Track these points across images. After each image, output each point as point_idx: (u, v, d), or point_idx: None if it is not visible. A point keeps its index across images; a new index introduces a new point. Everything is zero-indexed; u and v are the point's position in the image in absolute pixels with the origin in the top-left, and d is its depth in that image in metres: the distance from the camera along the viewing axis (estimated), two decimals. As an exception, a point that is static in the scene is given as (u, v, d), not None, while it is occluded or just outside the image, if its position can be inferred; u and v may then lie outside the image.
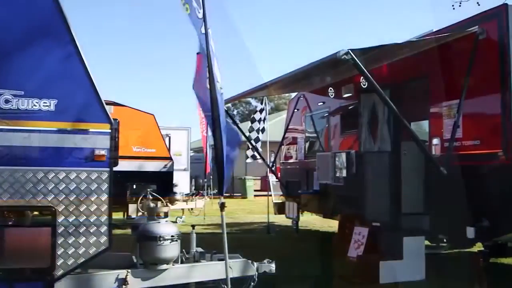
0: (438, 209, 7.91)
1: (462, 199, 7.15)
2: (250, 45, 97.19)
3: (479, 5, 13.09)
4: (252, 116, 14.44)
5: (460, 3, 13.53)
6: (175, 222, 15.56)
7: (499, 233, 6.99)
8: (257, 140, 14.07)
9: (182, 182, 18.30)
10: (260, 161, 13.96)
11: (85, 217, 4.98)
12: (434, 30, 8.28)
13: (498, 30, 6.97)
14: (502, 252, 9.49)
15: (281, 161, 14.22)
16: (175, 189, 15.55)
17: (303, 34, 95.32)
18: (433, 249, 9.03)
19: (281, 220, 14.96)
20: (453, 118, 7.43)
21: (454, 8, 13.61)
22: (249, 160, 14.31)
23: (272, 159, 14.16)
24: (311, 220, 15.98)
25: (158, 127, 14.47)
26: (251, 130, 14.16)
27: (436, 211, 7.98)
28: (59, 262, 4.86)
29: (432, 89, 8.12)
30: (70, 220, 4.93)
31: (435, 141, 7.91)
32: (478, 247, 8.87)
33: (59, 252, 4.86)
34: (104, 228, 5.06)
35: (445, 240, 8.98)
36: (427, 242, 8.38)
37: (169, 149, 15.52)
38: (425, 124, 9.34)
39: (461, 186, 7.17)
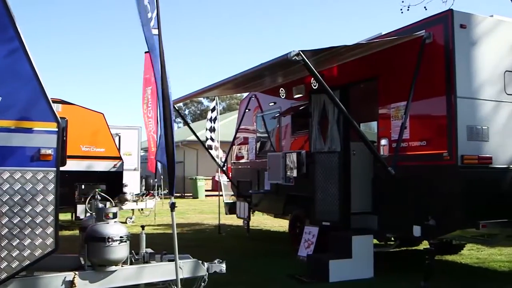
0: (386, 208, 8.06)
1: (409, 199, 7.33)
2: (203, 44, 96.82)
3: (426, 9, 13.47)
4: (208, 117, 14.39)
5: (408, 7, 13.88)
6: (125, 222, 15.37)
7: (445, 231, 7.16)
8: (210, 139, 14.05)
9: (132, 182, 18.06)
10: (218, 154, 13.91)
11: (30, 218, 4.85)
12: (383, 33, 8.44)
13: (443, 35, 7.15)
14: (447, 249, 9.81)
15: (232, 161, 14.21)
16: (125, 189, 15.34)
17: (253, 38, 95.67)
18: (381, 248, 9.20)
19: (232, 220, 14.98)
20: (400, 120, 7.58)
21: (402, 12, 13.97)
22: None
23: (224, 158, 14.15)
24: (262, 220, 16.06)
25: (108, 126, 14.23)
26: (210, 130, 14.13)
27: (384, 211, 8.13)
28: (3, 265, 4.72)
29: (381, 90, 8.27)
30: (15, 221, 4.79)
31: (383, 141, 8.07)
32: (424, 245, 9.10)
33: (3, 255, 4.71)
34: (50, 230, 4.94)
35: (392, 239, 9.14)
36: (375, 241, 8.52)
37: (119, 149, 15.28)
38: (374, 125, 9.52)
39: (408, 186, 7.34)
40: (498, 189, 6.95)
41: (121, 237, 5.49)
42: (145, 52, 16.03)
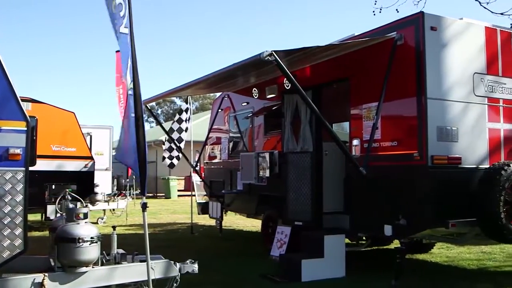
0: (357, 208, 8.12)
1: (381, 198, 7.39)
2: (176, 45, 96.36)
3: (398, 12, 13.64)
4: (179, 116, 14.28)
5: (381, 9, 14.02)
6: (96, 223, 15.21)
7: (415, 231, 7.25)
8: (180, 140, 13.95)
9: (103, 182, 17.87)
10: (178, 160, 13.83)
11: (-2, 219, 4.76)
12: (355, 35, 8.50)
13: (414, 36, 7.23)
14: (418, 248, 9.93)
15: (205, 161, 14.16)
16: (96, 189, 15.18)
17: (226, 38, 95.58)
18: (353, 247, 9.27)
19: (205, 220, 14.94)
20: (372, 120, 7.65)
21: (374, 14, 14.10)
22: (166, 161, 14.05)
23: (196, 158, 14.09)
24: (234, 220, 16.05)
25: (79, 125, 14.05)
26: (180, 130, 14.03)
27: (356, 210, 8.19)
28: (-30, 266, 4.63)
29: (353, 91, 8.33)
30: (-18, 222, 4.70)
31: (355, 142, 8.13)
32: (395, 244, 9.19)
33: (-31, 257, 4.63)
34: (19, 231, 4.84)
35: (364, 238, 9.23)
36: (347, 240, 8.59)
37: (90, 148, 15.11)
38: (346, 125, 9.59)
39: (380, 186, 7.41)
40: (467, 189, 7.06)
41: (91, 237, 5.43)
42: (116, 51, 15.89)
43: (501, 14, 13.31)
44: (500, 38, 7.81)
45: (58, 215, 7.13)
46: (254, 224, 14.59)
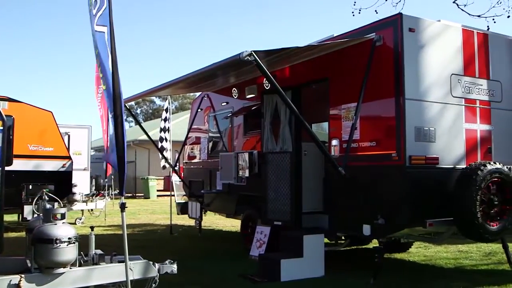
0: (336, 208, 8.16)
1: (359, 198, 7.44)
2: (157, 45, 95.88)
3: (377, 13, 13.73)
4: (163, 117, 14.25)
5: (360, 10, 14.11)
6: (74, 223, 15.07)
7: (393, 230, 7.31)
8: (162, 140, 13.93)
9: (81, 182, 17.70)
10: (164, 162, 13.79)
11: (-26, 219, 4.69)
12: (334, 35, 8.54)
13: (393, 38, 7.29)
14: (396, 247, 10.02)
15: (184, 161, 14.12)
16: (74, 190, 15.03)
17: (209, 38, 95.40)
18: (332, 247, 9.32)
19: (184, 220, 14.89)
20: (351, 120, 7.69)
21: (354, 15, 14.19)
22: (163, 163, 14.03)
23: (176, 158, 14.04)
24: (214, 220, 16.03)
25: (57, 124, 13.89)
26: (164, 130, 14.00)
27: (335, 210, 8.23)
28: None
29: (332, 92, 8.37)
30: (-43, 223, 4.63)
31: (334, 142, 8.17)
32: (374, 243, 9.27)
33: None
34: (-5, 231, 4.79)
35: (343, 238, 9.28)
36: (326, 240, 8.62)
37: (68, 148, 14.95)
38: (326, 125, 9.63)
39: (358, 186, 7.46)
40: (444, 188, 7.14)
41: (69, 238, 5.37)
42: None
43: (478, 16, 13.50)
44: (477, 40, 7.92)
45: (35, 215, 7.04)
46: (233, 224, 14.58)
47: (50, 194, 7.05)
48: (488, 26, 13.12)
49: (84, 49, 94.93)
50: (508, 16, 13.22)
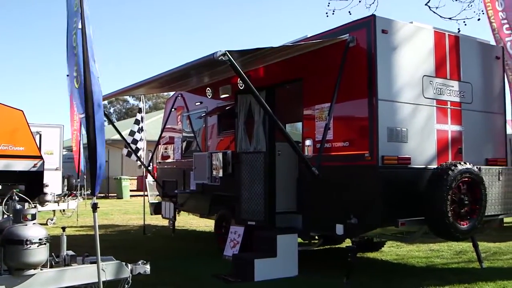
0: (310, 207, 8.20)
1: (332, 198, 7.49)
2: (133, 45, 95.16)
3: (350, 14, 13.83)
4: (136, 118, 14.13)
5: (334, 11, 14.20)
6: (46, 224, 14.87)
7: (366, 229, 7.37)
8: (135, 141, 13.82)
9: (53, 182, 17.45)
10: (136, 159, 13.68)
11: None
12: (308, 36, 8.57)
13: (366, 39, 7.35)
14: (369, 247, 10.11)
15: (158, 161, 14.03)
16: (45, 190, 14.81)
17: (184, 38, 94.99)
18: (305, 246, 9.35)
19: (158, 220, 14.81)
20: (324, 121, 7.73)
21: (327, 16, 14.27)
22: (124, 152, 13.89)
23: (149, 158, 13.95)
24: (188, 220, 15.98)
25: (28, 123, 13.68)
26: (138, 131, 13.88)
27: (308, 210, 8.26)
28: None
29: (306, 92, 8.40)
30: None
31: (308, 142, 8.20)
32: (347, 243, 9.33)
33: None
34: (-37, 233, 4.69)
35: (316, 237, 9.32)
36: (299, 240, 8.65)
37: (39, 148, 14.72)
38: (300, 125, 9.66)
39: (331, 186, 7.50)
40: (416, 188, 7.22)
41: (40, 239, 5.30)
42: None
43: (450, 19, 13.70)
44: (448, 42, 8.04)
45: (5, 216, 6.93)
46: (207, 224, 14.55)
47: (21, 195, 6.95)
48: (459, 29, 13.33)
49: (56, 49, 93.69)
50: (479, 19, 13.43)
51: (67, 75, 16.58)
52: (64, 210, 16.62)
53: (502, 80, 8.85)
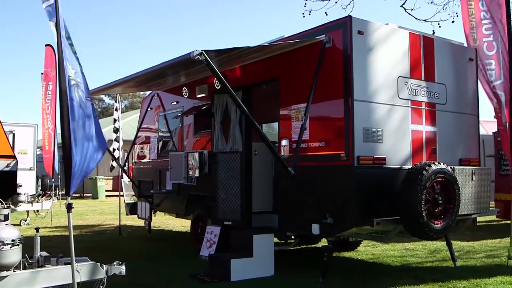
0: (286, 207, 8.22)
1: (308, 198, 7.52)
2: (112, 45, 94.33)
3: (327, 15, 13.93)
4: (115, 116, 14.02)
5: (310, 12, 14.28)
6: (19, 225, 14.67)
7: (342, 229, 7.42)
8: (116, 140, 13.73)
9: (27, 182, 17.22)
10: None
11: None
12: (285, 36, 8.60)
13: (342, 40, 7.39)
14: (345, 246, 10.17)
15: (133, 161, 13.93)
16: (19, 190, 14.61)
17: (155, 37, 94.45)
18: (281, 246, 9.37)
19: (134, 221, 14.70)
20: (300, 121, 7.75)
21: (304, 16, 14.35)
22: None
23: (125, 158, 13.85)
24: (164, 220, 15.90)
25: (1, 122, 13.47)
26: (115, 130, 13.78)
27: (284, 210, 8.28)
28: None
29: (282, 92, 8.42)
30: None
31: (284, 142, 8.22)
32: (323, 242, 9.38)
33: None
34: None
35: (292, 237, 9.35)
36: (276, 240, 8.67)
37: (12, 147, 14.53)
38: (276, 125, 9.68)
39: (308, 186, 7.53)
40: (391, 188, 7.29)
41: (13, 240, 5.23)
42: (46, 45, 15.37)
43: (425, 20, 13.90)
44: (423, 44, 8.13)
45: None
46: (183, 224, 14.50)
47: (-7, 195, 6.84)
48: (433, 31, 13.54)
49: (31, 43, 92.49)
50: (453, 21, 13.66)
51: (42, 73, 16.42)
52: (38, 211, 16.40)
53: (475, 82, 8.97)
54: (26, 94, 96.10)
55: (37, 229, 5.97)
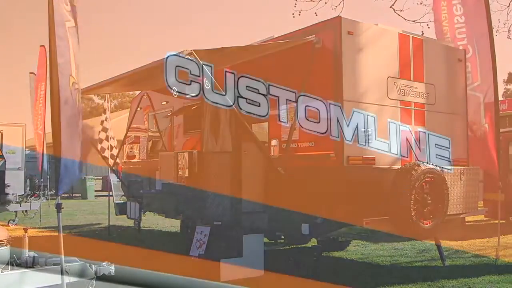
0: (276, 207, 8.21)
1: (298, 198, 7.52)
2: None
3: (316, 15, 13.93)
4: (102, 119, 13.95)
5: (300, 12, 14.28)
6: (7, 225, 14.58)
7: (331, 229, 7.44)
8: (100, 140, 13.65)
9: (15, 182, 17.12)
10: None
11: None
12: (275, 36, 8.59)
13: (332, 40, 7.41)
14: (334, 246, 10.19)
15: (123, 161, 13.87)
16: (7, 190, 14.53)
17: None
18: (271, 246, 9.38)
19: (123, 221, 14.65)
20: (290, 121, 7.76)
21: (294, 17, 14.34)
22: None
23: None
24: (153, 220, 15.83)
25: (-11, 123, 13.40)
26: (105, 130, 13.71)
27: (274, 210, 8.28)
28: None
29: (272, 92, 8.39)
30: None
31: (274, 142, 8.22)
32: (313, 242, 9.39)
33: None
34: None
35: (282, 237, 9.35)
36: (266, 239, 8.67)
37: (1, 147, 14.45)
38: (266, 125, 9.67)
39: (297, 186, 7.53)
40: (380, 188, 7.32)
41: (0, 240, 5.20)
42: (40, 46, 15.31)
43: (414, 21, 13.94)
44: (413, 44, 8.16)
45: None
46: (173, 225, 14.45)
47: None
48: (422, 32, 13.59)
49: (23, 43, 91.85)
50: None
51: (30, 73, 16.34)
52: (26, 211, 16.31)
53: (464, 82, 9.02)
54: (15, 93, 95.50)
55: (25, 229, 5.93)
